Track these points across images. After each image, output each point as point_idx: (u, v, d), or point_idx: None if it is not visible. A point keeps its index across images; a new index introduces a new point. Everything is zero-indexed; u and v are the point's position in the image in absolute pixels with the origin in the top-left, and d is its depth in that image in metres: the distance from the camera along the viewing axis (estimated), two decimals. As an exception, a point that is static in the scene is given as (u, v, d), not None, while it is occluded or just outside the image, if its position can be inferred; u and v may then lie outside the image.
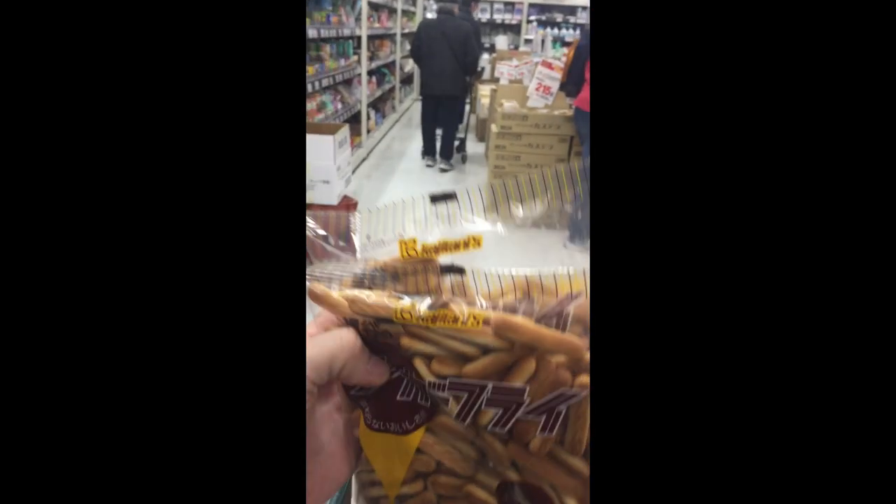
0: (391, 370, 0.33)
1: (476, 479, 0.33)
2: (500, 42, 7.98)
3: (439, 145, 5.33)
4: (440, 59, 4.88)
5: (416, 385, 0.32)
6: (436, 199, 0.33)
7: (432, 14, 5.34)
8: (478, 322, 0.28)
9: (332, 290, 0.31)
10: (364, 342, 0.32)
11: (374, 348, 0.32)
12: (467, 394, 0.30)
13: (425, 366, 0.31)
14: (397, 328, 0.31)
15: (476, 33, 5.12)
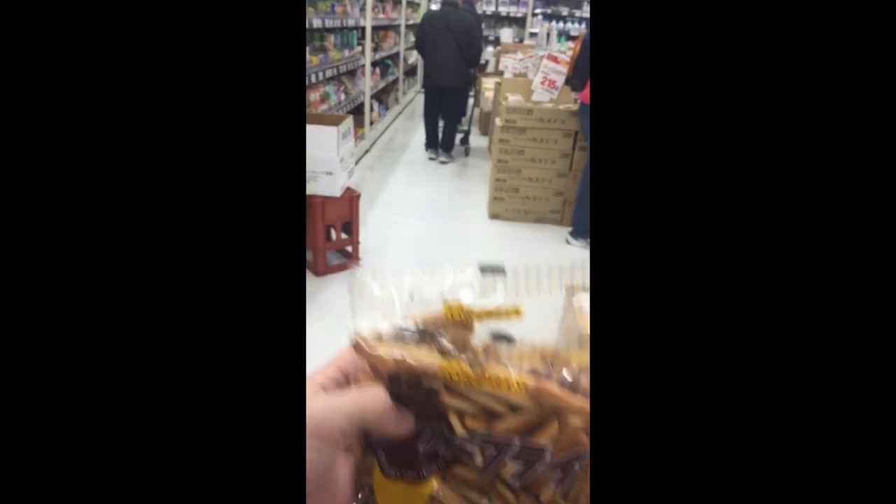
0: (417, 422, 0.33)
1: None
2: (505, 35, 7.93)
3: (441, 137, 5.32)
4: (444, 51, 4.85)
5: (440, 436, 0.33)
6: (485, 270, 0.35)
7: (436, 5, 5.30)
8: (521, 387, 0.31)
9: (374, 343, 0.33)
10: (394, 395, 0.33)
11: (403, 401, 0.33)
12: (495, 449, 0.32)
13: (459, 421, 0.32)
14: (438, 384, 0.32)
15: (478, 25, 5.09)
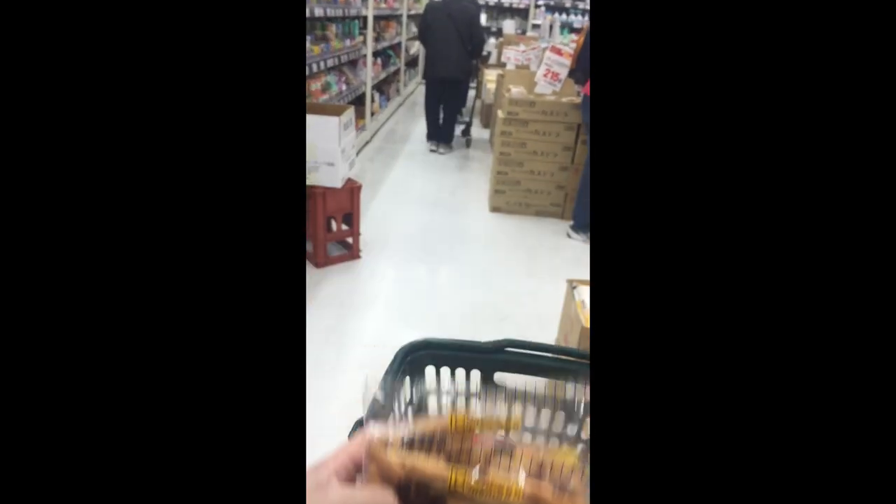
0: None
1: None
2: (508, 26, 7.89)
3: (441, 128, 5.30)
4: (446, 43, 4.82)
5: None
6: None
7: (439, -4, 5.26)
8: (519, 494, 0.35)
9: (384, 449, 0.36)
10: (403, 499, 0.35)
11: (410, 502, 0.36)
12: None
13: None
14: (444, 491, 0.36)
15: (478, 16, 5.06)
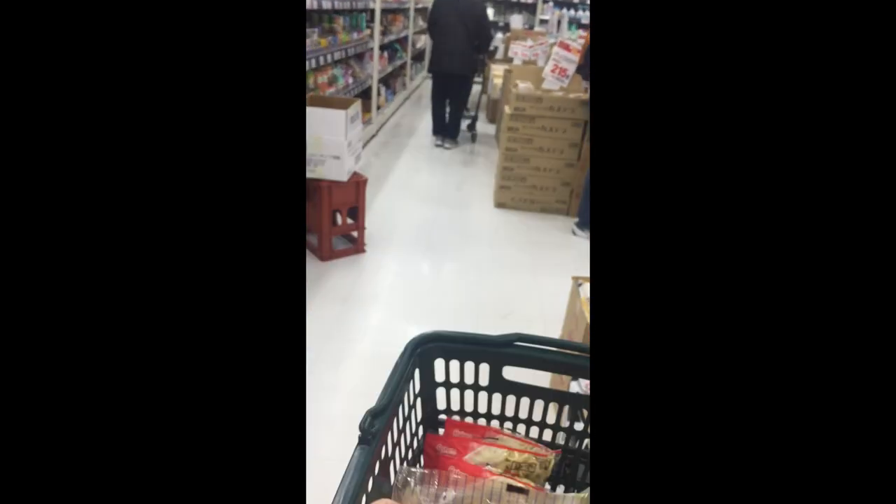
0: None
1: None
2: (515, 21, 7.86)
3: (446, 123, 5.29)
4: (453, 38, 4.81)
5: None
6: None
7: (447, -10, 5.24)
8: None
9: None
10: None
11: None
12: None
13: None
14: None
15: (485, 12, 5.06)
